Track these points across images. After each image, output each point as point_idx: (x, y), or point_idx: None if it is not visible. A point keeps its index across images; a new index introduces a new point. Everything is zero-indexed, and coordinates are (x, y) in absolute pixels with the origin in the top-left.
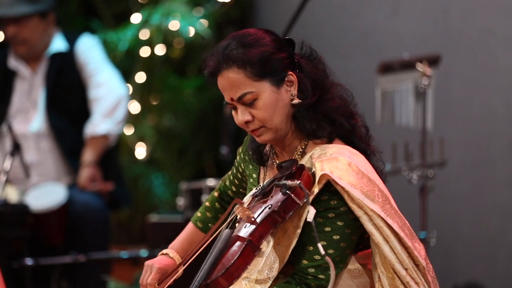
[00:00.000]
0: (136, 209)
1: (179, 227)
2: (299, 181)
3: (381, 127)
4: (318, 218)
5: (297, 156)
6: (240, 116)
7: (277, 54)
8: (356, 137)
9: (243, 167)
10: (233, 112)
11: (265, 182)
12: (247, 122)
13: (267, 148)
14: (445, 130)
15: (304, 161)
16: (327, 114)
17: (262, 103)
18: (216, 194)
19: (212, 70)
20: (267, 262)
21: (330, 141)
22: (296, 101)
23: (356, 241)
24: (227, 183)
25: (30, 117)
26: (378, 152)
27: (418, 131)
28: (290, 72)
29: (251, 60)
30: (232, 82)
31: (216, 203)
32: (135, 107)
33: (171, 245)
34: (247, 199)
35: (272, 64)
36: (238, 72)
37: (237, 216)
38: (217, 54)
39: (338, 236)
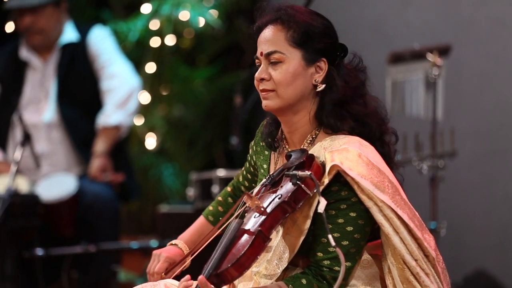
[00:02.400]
0: (146, 199)
1: (189, 218)
2: (309, 172)
3: (392, 118)
4: (330, 210)
5: (306, 144)
6: (259, 72)
7: (322, 37)
8: (384, 144)
9: (255, 159)
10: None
11: (275, 170)
12: (262, 80)
13: (279, 134)
14: (455, 121)
15: (314, 150)
16: (355, 114)
17: (285, 68)
18: (229, 189)
19: (260, 25)
20: (277, 252)
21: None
22: (320, 87)
23: (370, 232)
24: (240, 178)
25: (42, 108)
26: (399, 167)
27: (428, 121)
28: (324, 59)
29: (298, 24)
30: (270, 37)
31: (229, 198)
32: (145, 98)
33: (180, 236)
34: (257, 189)
35: (312, 41)
36: (281, 30)
37: (246, 207)
38: (271, 11)
39: (352, 228)
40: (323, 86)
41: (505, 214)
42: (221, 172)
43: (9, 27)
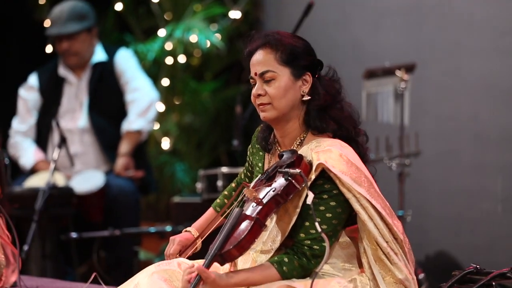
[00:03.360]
0: (162, 192)
1: (198, 207)
2: (299, 170)
3: (366, 124)
4: (314, 199)
5: (296, 146)
6: (255, 89)
7: (305, 55)
8: (357, 143)
9: (251, 159)
10: (252, 89)
11: (269, 167)
12: (259, 95)
13: (272, 137)
14: (419, 126)
15: (303, 151)
16: (335, 118)
17: (277, 84)
18: (233, 185)
19: (251, 50)
20: (271, 235)
21: (332, 137)
22: (306, 98)
23: (346, 218)
24: (242, 176)
25: (76, 116)
26: (371, 162)
27: (397, 126)
28: (309, 73)
29: (284, 47)
30: (262, 59)
31: (233, 192)
32: (161, 107)
33: (193, 224)
34: (254, 183)
35: (298, 59)
36: (270, 52)
37: (245, 197)
38: (260, 38)
39: (331, 214)
40: (309, 97)
41: (459, 204)
42: (224, 169)
43: (48, 48)
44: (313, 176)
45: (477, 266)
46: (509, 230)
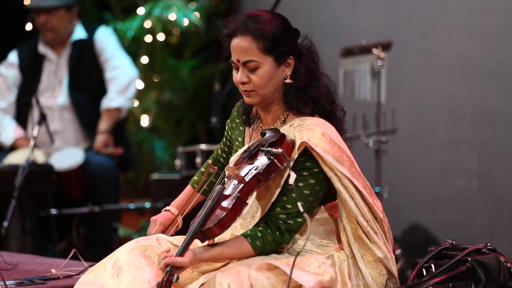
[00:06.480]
0: (141, 168)
1: (177, 183)
2: (282, 150)
3: (343, 101)
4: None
5: (279, 124)
6: (239, 76)
7: (285, 38)
8: (335, 118)
9: (230, 134)
10: (234, 71)
11: (251, 145)
12: (243, 83)
13: (254, 111)
14: (396, 103)
15: (285, 129)
16: (312, 96)
17: (261, 72)
18: (210, 161)
19: (230, 32)
20: (250, 211)
21: (311, 116)
22: (288, 80)
23: (322, 197)
24: (219, 151)
25: (56, 93)
26: (348, 133)
27: (373, 104)
28: (291, 57)
29: (266, 35)
30: (243, 47)
31: (210, 168)
32: (140, 84)
33: (172, 203)
34: (233, 158)
35: (280, 45)
36: (252, 41)
37: (226, 174)
38: (239, 21)
39: (308, 192)
40: (291, 80)
41: (435, 181)
42: (203, 146)
43: (28, 26)
44: (296, 156)
45: (453, 242)
46: (484, 206)
